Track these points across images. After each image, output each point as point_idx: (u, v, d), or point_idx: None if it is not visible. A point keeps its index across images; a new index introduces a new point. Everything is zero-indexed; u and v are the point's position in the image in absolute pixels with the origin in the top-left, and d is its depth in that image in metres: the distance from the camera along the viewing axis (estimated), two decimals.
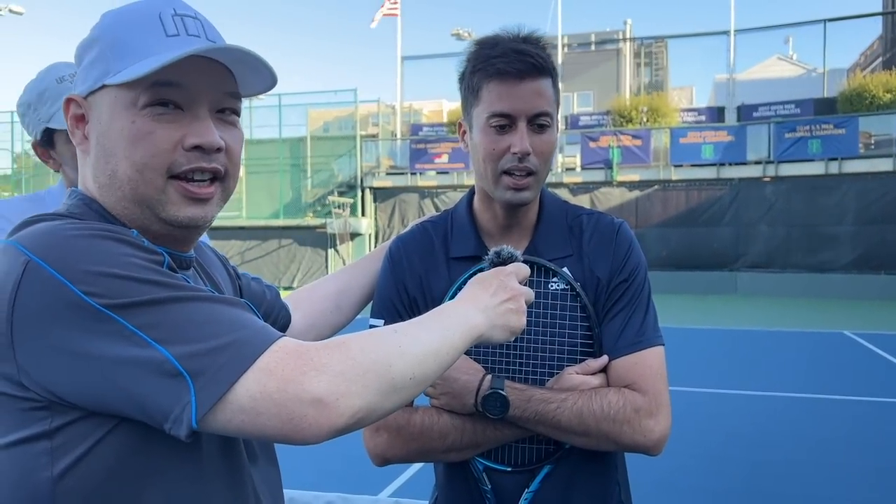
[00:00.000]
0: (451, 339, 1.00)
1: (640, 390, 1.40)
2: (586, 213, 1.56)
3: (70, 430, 0.88)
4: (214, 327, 0.85)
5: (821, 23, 22.81)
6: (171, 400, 0.82)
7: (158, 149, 0.97)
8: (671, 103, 24.50)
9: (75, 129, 1.02)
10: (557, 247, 1.50)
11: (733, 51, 23.80)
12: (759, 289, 19.62)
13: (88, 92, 1.00)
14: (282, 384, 0.83)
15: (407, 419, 1.44)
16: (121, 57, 0.97)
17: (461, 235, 1.54)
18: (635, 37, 35.10)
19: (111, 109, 0.98)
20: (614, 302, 1.47)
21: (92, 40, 1.01)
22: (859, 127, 19.85)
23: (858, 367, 9.81)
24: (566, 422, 1.37)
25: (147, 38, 0.97)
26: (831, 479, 5.33)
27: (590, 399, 1.38)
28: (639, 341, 1.44)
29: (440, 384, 1.42)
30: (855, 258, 19.43)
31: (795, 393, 8.08)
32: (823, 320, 14.52)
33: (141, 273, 0.87)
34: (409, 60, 27.23)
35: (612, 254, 1.49)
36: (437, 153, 23.11)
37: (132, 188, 0.98)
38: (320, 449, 5.13)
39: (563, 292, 1.47)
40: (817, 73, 24.90)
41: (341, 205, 22.94)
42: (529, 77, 1.40)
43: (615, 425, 1.37)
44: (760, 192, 20.56)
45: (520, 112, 1.40)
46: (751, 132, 21.03)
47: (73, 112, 1.01)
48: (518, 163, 1.41)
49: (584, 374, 1.43)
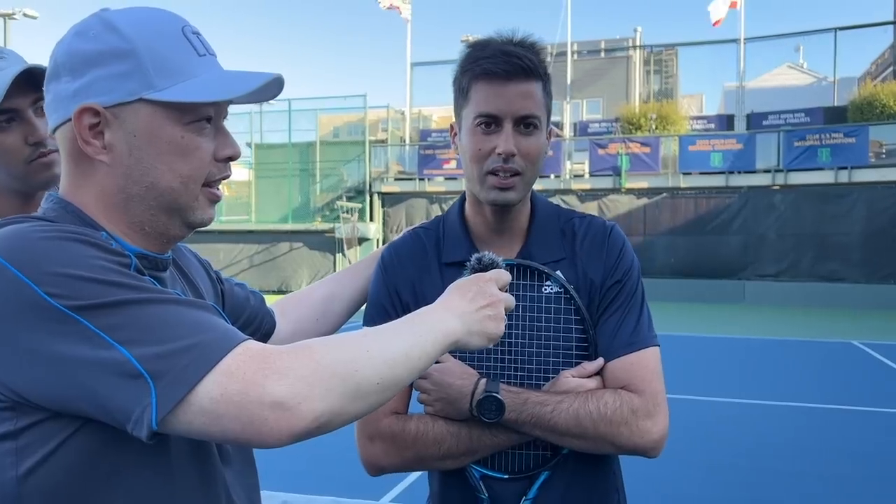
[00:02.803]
0: (422, 345, 0.99)
1: (637, 391, 1.39)
2: (578, 217, 1.55)
3: (35, 430, 0.88)
4: (178, 329, 0.86)
5: (831, 31, 22.76)
6: (132, 401, 0.83)
7: (202, 162, 1.03)
8: (680, 111, 24.46)
9: (91, 138, 0.99)
10: (550, 250, 1.49)
11: (743, 59, 23.77)
12: (767, 298, 19.54)
13: (117, 102, 0.98)
14: (243, 387, 0.83)
15: (401, 427, 1.42)
16: (164, 75, 0.98)
17: (453, 241, 1.53)
18: (645, 44, 35.06)
19: (151, 123, 0.99)
20: (608, 304, 1.46)
21: (118, 51, 0.98)
22: (869, 136, 19.77)
23: (867, 377, 9.76)
24: (563, 424, 1.36)
25: (184, 57, 1.00)
26: (837, 490, 5.31)
27: (586, 401, 1.37)
28: (634, 342, 1.43)
29: (434, 390, 1.41)
30: (864, 268, 19.33)
31: (803, 403, 8.04)
32: (832, 330, 14.45)
33: (106, 275, 0.87)
34: (419, 66, 27.30)
35: (605, 256, 1.48)
36: (446, 159, 23.14)
37: (173, 198, 1.02)
38: (323, 453, 5.12)
39: (557, 295, 1.46)
40: (828, 82, 24.82)
41: (350, 209, 22.99)
42: (517, 79, 1.39)
43: (612, 427, 1.36)
44: (769, 201, 20.49)
45: (506, 113, 1.39)
46: (760, 140, 20.98)
47: (89, 121, 0.98)
48: (503, 163, 1.40)
49: (580, 376, 1.42)
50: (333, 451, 5.84)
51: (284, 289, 21.15)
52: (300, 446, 0.90)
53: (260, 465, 1.22)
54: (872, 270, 19.23)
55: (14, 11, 25.45)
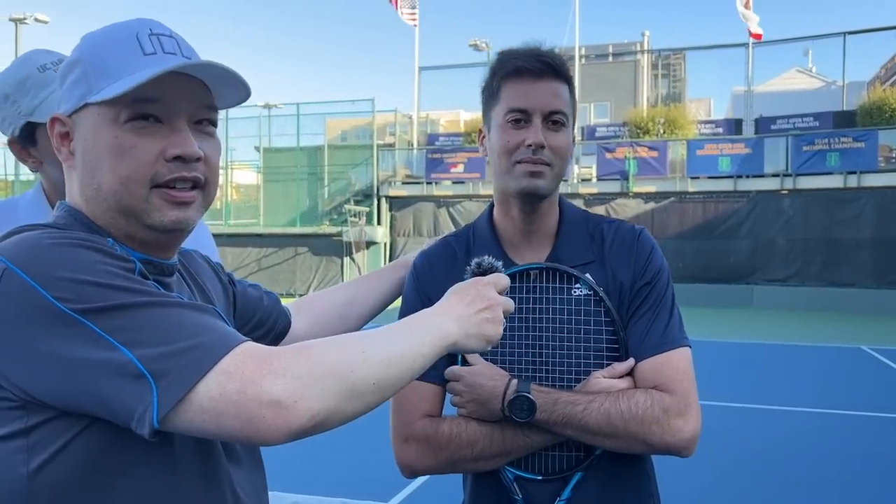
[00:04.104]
0: (419, 347, 1.01)
1: (669, 390, 1.40)
2: (606, 221, 1.58)
3: (45, 428, 0.92)
4: (179, 331, 0.89)
5: (840, 35, 22.68)
6: (135, 400, 0.86)
7: (141, 161, 1.02)
8: (688, 115, 24.41)
9: (61, 146, 1.06)
10: (579, 253, 1.52)
11: (751, 63, 23.71)
12: (775, 302, 19.46)
13: (73, 111, 1.04)
14: (241, 386, 0.86)
15: (435, 429, 1.44)
16: (102, 76, 1.01)
17: (483, 246, 1.55)
18: (653, 48, 35.05)
19: (94, 126, 1.02)
20: (638, 305, 1.48)
21: (73, 62, 1.05)
22: (879, 140, 19.68)
23: (875, 382, 9.72)
24: (594, 423, 1.37)
25: (126, 57, 1.02)
26: (846, 496, 5.29)
27: (617, 400, 1.38)
28: (664, 342, 1.45)
29: (466, 391, 1.43)
30: (873, 272, 19.23)
31: (810, 408, 8.02)
32: (840, 335, 14.38)
33: (111, 279, 0.91)
34: (427, 71, 27.34)
35: (635, 258, 1.50)
36: (454, 163, 23.15)
37: (117, 199, 1.03)
38: (332, 456, 5.16)
39: (587, 298, 1.48)
40: (837, 86, 24.73)
41: (357, 213, 23.03)
42: (546, 77, 1.46)
43: (643, 426, 1.37)
44: (778, 205, 20.42)
45: (535, 108, 1.45)
46: (768, 145, 20.92)
47: (59, 130, 1.05)
48: (532, 155, 1.44)
49: (611, 377, 1.43)
50: (342, 454, 5.86)
51: (292, 292, 21.19)
52: (309, 448, 0.92)
53: (270, 466, 1.24)
54: (882, 275, 19.13)
55: (25, 16, 25.63)
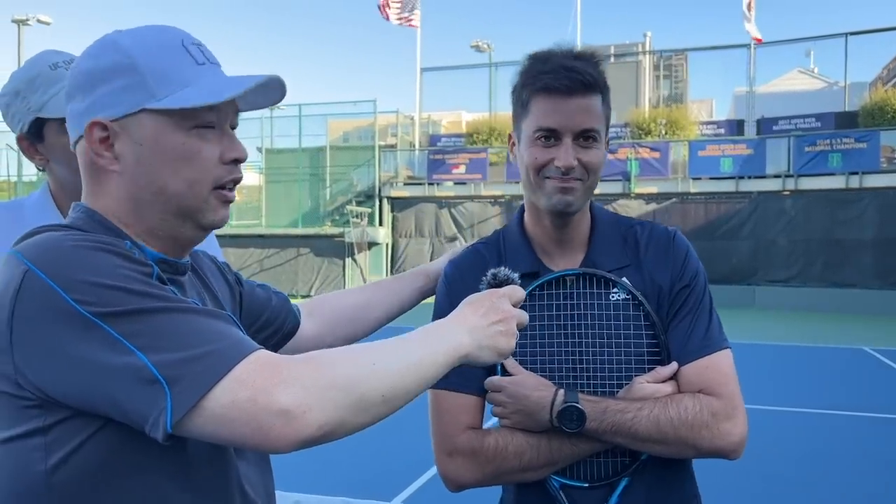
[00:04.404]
0: (431, 359, 1.01)
1: (715, 394, 1.39)
2: (639, 224, 1.56)
3: (62, 427, 0.94)
4: (194, 337, 0.91)
5: (842, 36, 22.67)
6: (149, 405, 0.88)
7: (206, 165, 1.08)
8: (690, 116, 24.39)
9: (103, 150, 1.06)
10: (614, 258, 1.50)
11: (753, 64, 23.70)
12: (777, 303, 19.45)
13: (122, 115, 1.05)
14: (252, 394, 0.88)
15: (480, 442, 1.42)
16: (163, 84, 1.04)
17: (516, 252, 1.53)
18: (655, 49, 35.07)
19: (155, 131, 1.05)
20: (678, 308, 1.46)
21: (120, 67, 1.05)
22: (881, 141, 19.67)
23: (877, 383, 9.72)
24: (643, 431, 1.36)
25: (182, 66, 1.07)
26: (847, 497, 5.30)
27: (665, 406, 1.37)
28: (707, 345, 1.43)
29: (510, 403, 1.41)
30: (875, 273, 19.21)
31: (812, 409, 8.02)
32: (842, 336, 14.37)
33: (129, 283, 0.93)
34: (428, 72, 27.36)
35: (671, 261, 1.49)
36: (455, 164, 23.18)
37: (179, 202, 1.07)
38: (331, 454, 5.12)
39: (625, 302, 1.46)
40: (838, 87, 24.70)
41: (359, 214, 23.05)
42: (577, 94, 1.40)
43: (693, 431, 1.36)
44: (780, 206, 20.42)
45: (565, 128, 1.41)
46: (770, 145, 20.91)
47: (99, 135, 1.05)
48: (562, 175, 1.42)
49: (655, 382, 1.42)
50: (344, 454, 5.87)
51: (294, 293, 21.22)
52: (311, 448, 0.93)
53: (273, 466, 1.25)
54: (884, 276, 19.11)
55: (28, 17, 25.70)
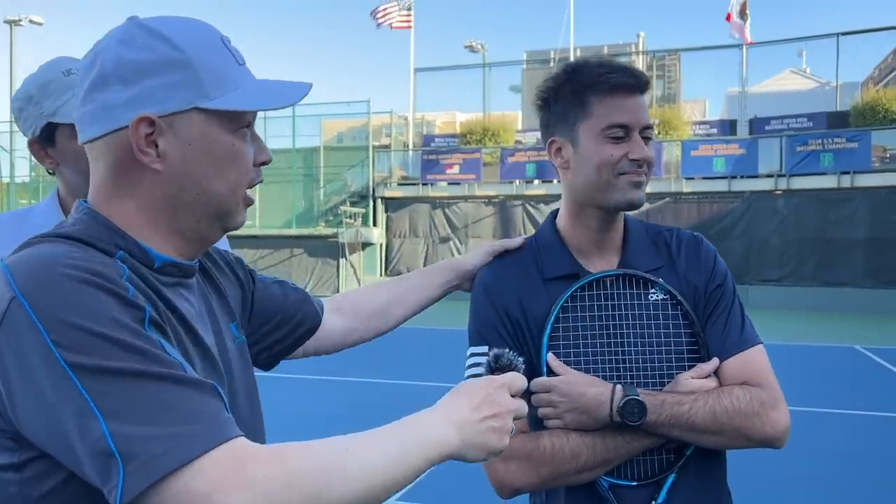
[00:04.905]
0: (409, 461, 0.94)
1: (759, 385, 1.46)
2: (665, 229, 1.65)
3: (36, 464, 0.90)
4: (165, 414, 0.84)
5: (834, 36, 22.78)
6: (103, 475, 0.83)
7: (247, 167, 1.07)
8: (684, 116, 24.46)
9: (147, 147, 1.00)
10: (649, 259, 1.56)
11: (745, 64, 23.80)
12: (770, 302, 19.51)
13: (172, 112, 1.00)
14: (209, 490, 0.82)
15: (535, 444, 1.42)
16: (216, 84, 1.02)
17: (553, 256, 1.57)
18: (648, 50, 35.17)
19: (204, 131, 1.02)
20: (713, 307, 1.53)
21: (173, 61, 1.00)
22: (872, 141, 19.78)
23: (868, 381, 9.79)
24: (701, 421, 1.40)
25: (229, 66, 1.05)
26: (838, 493, 5.34)
27: (719, 397, 1.42)
28: (745, 341, 1.50)
29: (564, 402, 1.42)
30: (867, 272, 19.32)
31: (804, 407, 8.06)
32: (834, 334, 14.45)
33: (115, 331, 0.86)
34: (422, 72, 27.38)
35: (704, 262, 1.57)
36: (449, 164, 23.20)
37: (220, 203, 1.05)
38: None
39: (664, 302, 1.52)
40: (830, 87, 24.81)
41: (353, 214, 23.06)
42: (638, 92, 1.50)
43: (747, 420, 1.41)
44: (772, 206, 20.51)
45: (635, 123, 1.48)
46: (762, 145, 21.00)
47: (145, 131, 0.99)
48: (637, 168, 1.49)
49: (699, 377, 1.46)
50: None
51: None
52: None
53: None
54: (875, 275, 19.22)
55: (20, 18, 25.62)
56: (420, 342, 11.48)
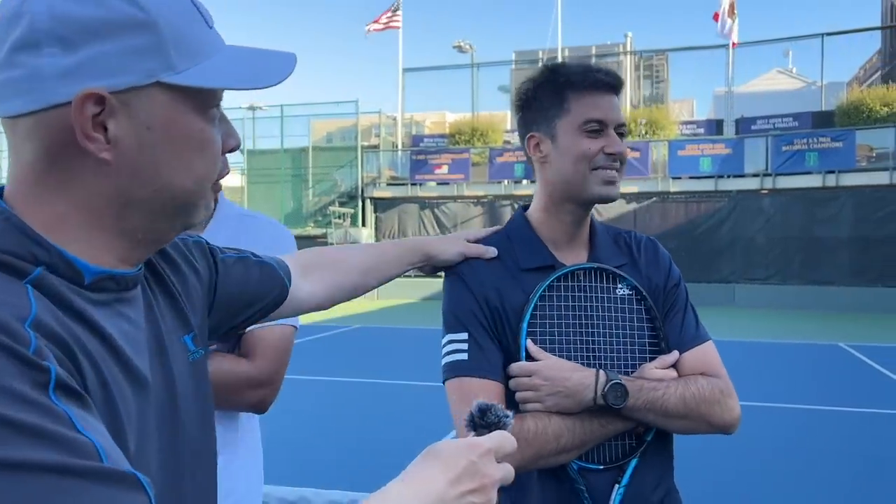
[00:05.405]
0: None
1: (715, 375, 1.57)
2: (623, 231, 1.75)
3: None
4: None
5: (819, 37, 22.99)
6: None
7: (216, 157, 0.87)
8: (671, 116, 24.61)
9: (93, 132, 0.77)
10: (615, 256, 1.66)
11: (731, 64, 23.97)
12: (757, 301, 19.69)
13: (128, 87, 0.78)
14: None
15: (519, 426, 1.45)
16: (184, 53, 0.80)
17: (528, 247, 1.64)
18: (636, 50, 35.30)
19: (169, 112, 0.81)
20: (671, 304, 1.64)
21: (133, 21, 0.77)
22: (856, 140, 19.98)
23: (852, 378, 9.91)
24: (672, 406, 1.49)
25: (199, 30, 0.83)
26: (822, 488, 5.42)
27: (686, 384, 1.52)
28: (699, 336, 1.63)
29: (546, 385, 1.48)
30: (852, 270, 19.52)
31: (788, 404, 8.17)
32: (819, 332, 14.61)
33: (12, 409, 0.62)
34: (410, 72, 27.40)
35: (662, 263, 1.69)
36: (438, 164, 23.25)
37: (185, 200, 0.85)
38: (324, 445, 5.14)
39: (630, 296, 1.62)
40: (816, 87, 25.04)
41: (342, 215, 23.07)
42: (614, 91, 1.60)
43: (710, 406, 1.51)
44: (758, 205, 20.68)
45: (611, 120, 1.58)
46: (749, 145, 21.17)
47: (92, 110, 0.76)
48: (612, 162, 1.58)
49: (663, 367, 1.56)
50: (333, 446, 5.90)
51: None
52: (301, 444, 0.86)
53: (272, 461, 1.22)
54: (860, 273, 19.42)
55: None
56: (412, 342, 11.50)
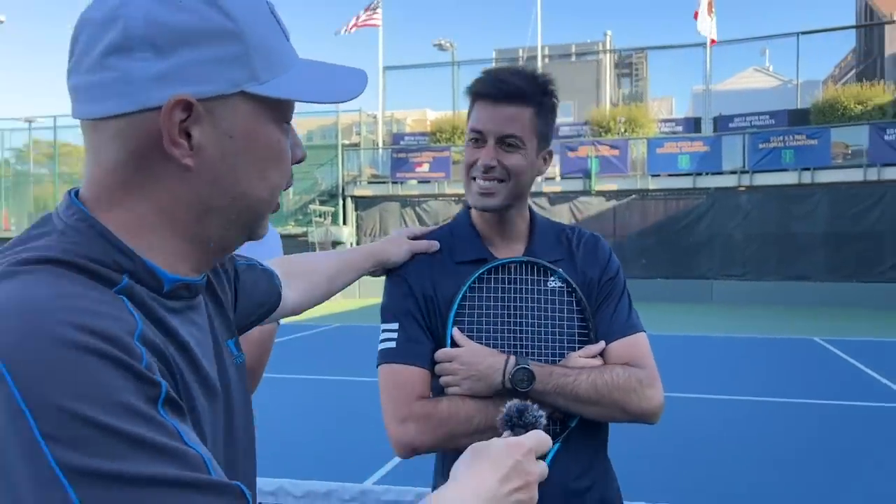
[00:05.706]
0: None
1: (639, 366, 1.61)
2: (569, 228, 1.81)
3: None
4: None
5: (794, 35, 23.27)
6: None
7: (289, 168, 0.90)
8: (650, 114, 24.81)
9: (178, 138, 0.78)
10: (552, 251, 1.72)
11: (709, 62, 24.22)
12: (734, 297, 19.93)
13: (213, 95, 0.79)
14: None
15: (434, 407, 1.55)
16: (268, 64, 0.82)
17: (464, 242, 1.73)
18: (615, 48, 35.53)
19: (251, 122, 0.82)
20: (605, 296, 1.70)
21: (222, 30, 0.78)
22: (832, 138, 20.26)
23: (826, 372, 10.09)
24: (583, 392, 1.54)
25: (280, 43, 0.85)
26: (796, 477, 5.54)
27: (601, 372, 1.58)
28: (629, 327, 1.67)
29: (462, 369, 1.56)
30: (827, 266, 19.81)
31: (764, 397, 8.31)
32: (795, 327, 14.83)
33: (123, 422, 0.64)
34: (391, 70, 27.40)
35: (599, 258, 1.74)
36: (419, 162, 23.28)
37: (258, 210, 0.87)
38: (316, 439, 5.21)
39: (561, 289, 1.68)
40: (792, 85, 25.34)
41: (323, 213, 23.04)
42: (503, 102, 1.60)
43: (624, 394, 1.56)
44: (736, 202, 20.92)
45: (489, 131, 1.61)
46: (726, 142, 21.40)
47: (179, 117, 0.77)
48: (484, 174, 1.62)
49: (587, 356, 1.62)
50: (316, 436, 5.94)
51: None
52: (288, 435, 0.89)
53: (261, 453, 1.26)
54: (835, 269, 19.72)
55: None
56: None
